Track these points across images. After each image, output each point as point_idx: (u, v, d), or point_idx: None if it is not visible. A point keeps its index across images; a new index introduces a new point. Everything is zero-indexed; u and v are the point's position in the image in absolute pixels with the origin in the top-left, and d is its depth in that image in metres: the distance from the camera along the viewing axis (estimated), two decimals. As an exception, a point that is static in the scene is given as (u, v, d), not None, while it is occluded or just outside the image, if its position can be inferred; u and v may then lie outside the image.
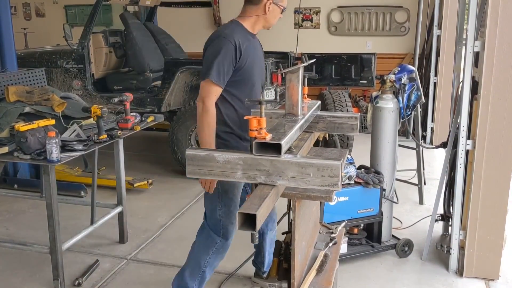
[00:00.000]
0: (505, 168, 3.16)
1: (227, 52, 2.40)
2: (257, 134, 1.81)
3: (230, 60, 2.42)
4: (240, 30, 2.52)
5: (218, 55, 2.40)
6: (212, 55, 2.42)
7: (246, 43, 2.48)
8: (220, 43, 2.43)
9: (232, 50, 2.41)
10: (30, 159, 2.94)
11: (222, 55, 2.40)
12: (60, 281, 3.13)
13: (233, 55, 2.42)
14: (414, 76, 3.77)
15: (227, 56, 2.41)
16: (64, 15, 9.54)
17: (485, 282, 3.29)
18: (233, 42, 2.41)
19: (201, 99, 2.43)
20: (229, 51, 2.41)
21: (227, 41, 2.41)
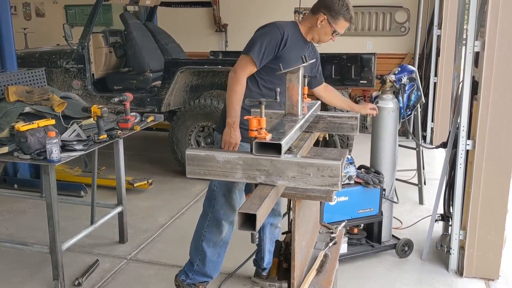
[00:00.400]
0: (505, 168, 3.16)
1: (272, 37, 2.57)
2: (257, 134, 1.81)
3: (274, 46, 2.57)
4: (295, 29, 2.70)
5: (265, 37, 2.57)
6: (259, 36, 2.61)
7: (294, 41, 2.64)
8: (270, 29, 2.62)
9: (279, 38, 2.57)
10: (30, 159, 2.94)
11: (268, 39, 2.57)
12: (60, 281, 3.13)
13: (278, 43, 2.58)
14: (414, 76, 3.77)
15: (272, 41, 2.57)
16: (64, 15, 9.54)
17: (485, 282, 3.29)
18: (282, 32, 2.58)
19: (235, 70, 2.59)
20: (275, 37, 2.57)
21: (277, 29, 2.60)
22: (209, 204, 2.83)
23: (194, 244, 2.92)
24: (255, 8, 8.21)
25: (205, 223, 2.86)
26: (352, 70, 5.66)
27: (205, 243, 2.86)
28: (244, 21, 8.32)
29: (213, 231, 2.85)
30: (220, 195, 2.78)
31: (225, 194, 2.77)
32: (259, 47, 2.55)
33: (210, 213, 2.83)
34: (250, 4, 8.29)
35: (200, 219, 2.90)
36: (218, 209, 2.80)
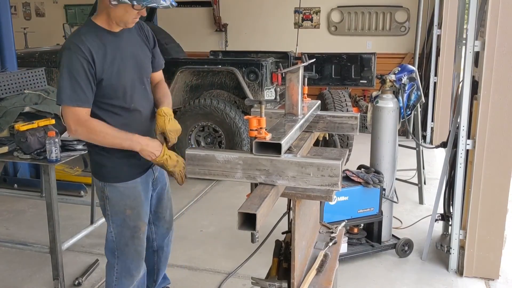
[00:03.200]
0: (505, 168, 3.16)
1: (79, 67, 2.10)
2: (257, 134, 1.81)
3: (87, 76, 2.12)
4: (94, 32, 2.18)
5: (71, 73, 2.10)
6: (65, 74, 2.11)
7: (102, 47, 2.16)
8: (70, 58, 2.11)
9: (85, 64, 2.11)
10: (30, 159, 2.94)
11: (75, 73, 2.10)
12: (60, 281, 3.13)
13: (89, 70, 2.12)
14: (414, 76, 3.78)
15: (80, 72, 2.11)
16: (64, 14, 9.55)
17: (485, 281, 3.29)
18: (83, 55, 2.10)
19: (73, 128, 2.17)
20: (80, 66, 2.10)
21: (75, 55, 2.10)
22: (112, 255, 2.44)
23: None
24: (255, 8, 8.21)
25: (114, 276, 2.47)
26: (352, 70, 5.67)
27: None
28: (244, 21, 8.32)
29: (124, 284, 2.48)
30: (122, 244, 2.41)
31: (128, 243, 2.40)
32: (71, 88, 2.08)
33: (116, 265, 2.45)
34: (250, 4, 8.29)
35: (107, 274, 2.51)
36: (124, 259, 2.43)
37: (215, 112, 5.10)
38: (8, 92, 3.62)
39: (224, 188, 5.02)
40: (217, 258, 3.58)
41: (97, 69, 2.14)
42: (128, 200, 2.35)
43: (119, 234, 2.39)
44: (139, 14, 2.16)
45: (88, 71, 2.10)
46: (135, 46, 2.33)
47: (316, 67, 5.63)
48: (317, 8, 8.16)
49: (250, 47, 7.54)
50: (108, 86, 2.20)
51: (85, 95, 2.12)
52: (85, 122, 2.14)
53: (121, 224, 2.38)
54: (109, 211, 2.37)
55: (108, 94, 2.21)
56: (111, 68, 2.19)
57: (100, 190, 2.38)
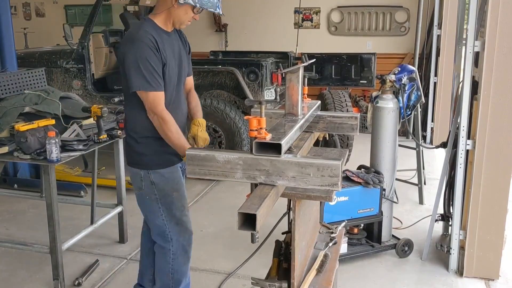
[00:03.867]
0: (505, 168, 3.16)
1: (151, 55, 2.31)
2: (257, 134, 1.81)
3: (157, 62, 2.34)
4: (153, 27, 2.38)
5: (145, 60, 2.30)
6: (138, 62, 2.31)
7: (161, 41, 2.37)
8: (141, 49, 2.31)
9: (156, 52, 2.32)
10: (30, 159, 2.94)
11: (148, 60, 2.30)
12: (60, 281, 3.13)
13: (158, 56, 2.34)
14: (414, 76, 3.78)
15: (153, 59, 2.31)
16: (64, 15, 9.54)
17: (485, 282, 3.29)
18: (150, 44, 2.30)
19: (152, 111, 2.35)
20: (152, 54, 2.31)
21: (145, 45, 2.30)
22: (165, 239, 2.60)
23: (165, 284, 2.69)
24: (255, 8, 8.21)
25: (170, 258, 2.63)
26: (352, 70, 5.67)
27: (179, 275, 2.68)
28: (244, 21, 8.32)
29: (180, 262, 2.66)
30: (173, 224, 2.58)
31: (178, 222, 2.59)
32: (149, 75, 2.28)
33: (171, 247, 2.61)
34: (250, 4, 8.29)
35: (160, 259, 2.66)
36: (177, 238, 2.61)
37: (215, 112, 5.10)
38: (8, 92, 3.62)
39: (224, 188, 5.01)
40: (217, 258, 3.58)
41: (162, 58, 2.35)
42: (173, 184, 2.53)
43: (169, 215, 2.56)
44: (193, 18, 2.42)
45: (158, 60, 2.32)
46: (180, 48, 2.56)
47: (316, 67, 5.63)
48: (317, 8, 8.16)
49: (250, 47, 7.53)
50: (164, 74, 2.39)
51: (159, 80, 2.34)
52: (161, 112, 2.34)
53: (170, 206, 2.55)
54: (157, 195, 2.52)
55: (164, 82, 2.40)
56: (168, 61, 2.40)
57: (142, 179, 2.50)
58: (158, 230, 2.61)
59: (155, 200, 2.53)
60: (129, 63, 2.30)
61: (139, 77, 2.29)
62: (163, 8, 2.38)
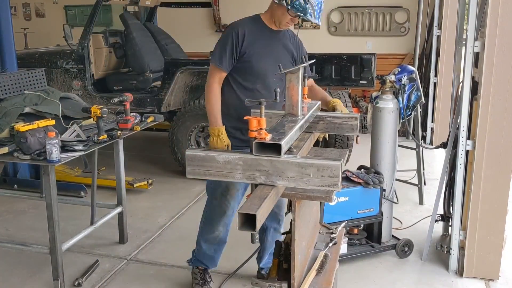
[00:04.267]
0: (505, 168, 3.16)
1: (228, 39, 2.64)
2: (257, 134, 1.81)
3: (232, 47, 2.63)
4: (255, 22, 2.73)
5: (222, 41, 2.67)
6: (218, 42, 2.71)
7: (255, 34, 2.66)
8: (227, 32, 2.70)
9: (234, 38, 2.63)
10: (30, 160, 2.94)
11: (224, 42, 2.65)
12: (60, 282, 3.13)
13: (235, 42, 2.63)
14: (414, 76, 3.78)
15: (229, 42, 2.63)
16: (64, 15, 9.55)
17: (485, 282, 3.29)
18: (237, 31, 2.63)
19: (207, 80, 2.71)
20: (230, 38, 2.63)
21: (231, 30, 2.66)
22: (207, 202, 2.97)
23: (198, 234, 3.06)
24: (254, 8, 8.14)
25: (202, 219, 3.01)
26: (352, 70, 5.66)
27: (201, 236, 3.03)
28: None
29: (206, 229, 2.99)
30: (213, 197, 2.90)
31: (217, 197, 2.87)
32: (219, 53, 2.65)
33: (205, 211, 2.98)
34: (250, 5, 8.25)
35: (203, 213, 3.03)
36: (211, 209, 2.93)
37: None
38: (8, 92, 3.62)
39: (224, 188, 5.02)
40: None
41: (243, 46, 2.64)
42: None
43: (213, 187, 2.87)
44: (292, 21, 2.64)
45: (234, 44, 2.63)
46: (283, 48, 2.79)
47: (316, 68, 5.63)
48: (317, 8, 8.15)
49: (250, 48, 7.52)
50: (246, 62, 2.67)
51: (226, 60, 2.65)
52: (212, 84, 2.68)
53: (217, 182, 2.80)
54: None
55: (245, 69, 2.69)
56: (254, 51, 2.66)
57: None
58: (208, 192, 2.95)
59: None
60: (219, 41, 2.71)
61: (215, 53, 2.67)
62: (269, 6, 2.72)
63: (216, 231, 2.96)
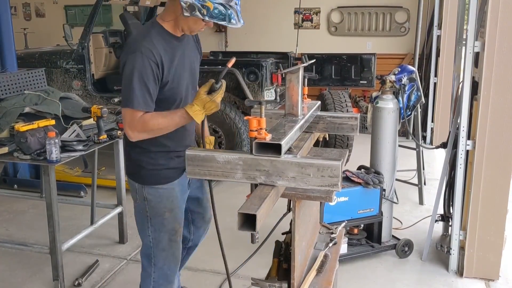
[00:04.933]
0: (505, 168, 3.16)
1: (148, 72, 2.08)
2: (257, 134, 1.81)
3: (155, 80, 2.12)
4: (160, 34, 2.18)
5: (140, 77, 2.08)
6: (132, 77, 2.08)
7: (167, 51, 2.17)
8: (139, 62, 2.08)
9: (155, 69, 2.10)
10: (30, 160, 2.94)
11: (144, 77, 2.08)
12: (60, 282, 3.13)
13: (157, 74, 2.12)
14: (414, 76, 3.78)
15: (150, 76, 2.09)
16: (64, 15, 9.55)
17: (485, 282, 3.29)
18: (154, 59, 2.09)
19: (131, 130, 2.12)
20: (150, 71, 2.08)
21: (146, 59, 2.07)
22: (149, 262, 2.43)
23: None
24: (254, 8, 8.21)
25: (151, 285, 2.46)
26: (352, 70, 5.67)
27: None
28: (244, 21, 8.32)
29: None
30: (160, 249, 2.39)
31: (165, 248, 2.39)
32: (140, 92, 2.05)
33: (153, 273, 2.44)
34: (250, 4, 8.28)
35: (142, 281, 2.51)
36: (161, 265, 2.42)
37: (215, 112, 5.09)
38: (8, 92, 3.62)
39: (224, 188, 5.01)
40: (217, 258, 3.56)
41: (164, 74, 2.14)
42: (167, 202, 2.33)
43: (157, 237, 2.37)
44: (206, 25, 2.18)
45: (156, 77, 2.10)
46: (192, 52, 2.36)
47: (316, 68, 5.63)
48: (317, 8, 8.16)
49: (250, 48, 7.54)
50: (169, 90, 2.19)
51: (152, 100, 2.11)
52: (139, 122, 2.10)
53: (160, 228, 2.36)
54: (148, 213, 2.34)
55: (166, 98, 2.21)
56: (174, 73, 2.19)
57: (137, 193, 2.34)
58: (144, 250, 2.44)
59: (145, 217, 2.35)
60: (125, 75, 2.09)
61: (134, 93, 2.06)
62: (172, 15, 2.17)
63: (175, 284, 2.51)
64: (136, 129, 2.11)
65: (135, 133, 2.12)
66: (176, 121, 2.12)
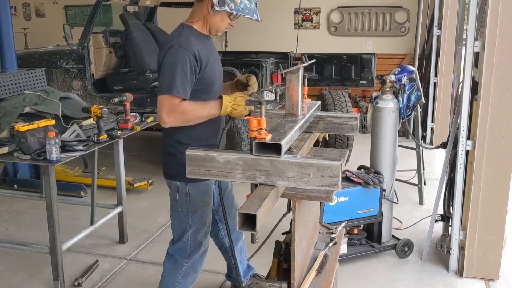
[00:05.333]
0: (505, 168, 3.16)
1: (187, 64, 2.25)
2: (257, 134, 1.81)
3: (193, 73, 2.29)
4: (194, 34, 2.37)
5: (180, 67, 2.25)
6: (173, 67, 2.27)
7: (203, 49, 2.34)
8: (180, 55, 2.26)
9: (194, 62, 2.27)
10: (30, 160, 2.94)
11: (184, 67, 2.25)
12: (60, 282, 3.13)
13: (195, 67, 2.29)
14: (414, 76, 3.78)
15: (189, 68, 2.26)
16: (64, 15, 9.55)
17: (485, 282, 3.29)
18: (193, 52, 2.27)
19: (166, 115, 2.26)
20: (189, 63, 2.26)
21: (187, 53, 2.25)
22: (183, 254, 2.56)
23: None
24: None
25: (179, 275, 2.59)
26: (352, 70, 5.67)
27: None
28: (244, 21, 8.31)
29: (188, 281, 2.62)
30: (197, 243, 2.54)
31: (202, 240, 2.56)
32: (180, 80, 2.22)
33: (185, 263, 2.57)
34: (250, 5, 8.28)
35: (170, 272, 2.62)
36: (194, 256, 2.57)
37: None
38: (8, 92, 3.62)
39: (224, 188, 5.02)
40: (217, 259, 3.57)
41: (201, 67, 2.32)
42: (206, 197, 2.52)
43: (196, 231, 2.51)
44: (229, 25, 2.39)
45: (194, 69, 2.28)
46: (216, 53, 2.56)
47: (316, 68, 5.63)
48: (317, 8, 8.17)
49: (250, 48, 7.54)
50: (204, 82, 2.36)
51: (189, 89, 2.28)
52: (177, 108, 2.25)
53: (199, 221, 2.51)
54: (189, 208, 2.48)
55: (203, 89, 2.37)
56: (210, 67, 2.38)
57: (178, 191, 2.47)
58: (180, 244, 2.55)
59: (186, 213, 2.49)
60: (164, 65, 2.27)
61: (174, 81, 2.22)
62: (200, 15, 2.37)
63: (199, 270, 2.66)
64: (172, 114, 2.23)
65: (171, 118, 2.25)
66: (207, 111, 2.27)
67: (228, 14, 2.32)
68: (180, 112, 2.24)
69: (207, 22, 2.37)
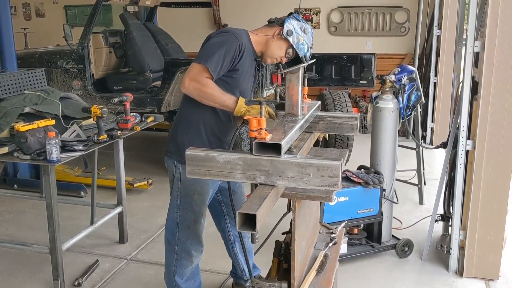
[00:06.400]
0: (505, 168, 3.16)
1: (231, 48, 2.33)
2: (257, 134, 1.81)
3: (231, 58, 2.34)
4: (247, 39, 2.46)
5: (224, 47, 2.31)
6: (217, 45, 2.33)
7: (247, 52, 2.43)
8: (229, 38, 2.35)
9: (237, 49, 2.35)
10: (30, 159, 2.94)
11: (226, 49, 2.32)
12: (60, 282, 3.13)
13: (236, 54, 2.36)
14: (414, 76, 3.78)
15: (231, 52, 2.33)
16: (64, 15, 9.55)
17: (485, 282, 3.29)
18: (241, 42, 2.36)
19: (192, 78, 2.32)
20: (233, 48, 2.33)
21: (235, 39, 2.35)
22: (173, 236, 2.64)
23: (168, 280, 2.74)
24: (254, 8, 8.21)
25: (174, 257, 2.68)
26: (352, 70, 5.67)
27: (178, 277, 2.70)
28: (244, 21, 8.29)
29: (183, 264, 2.69)
30: (185, 226, 2.61)
31: (190, 226, 2.61)
32: (218, 58, 2.29)
33: (176, 246, 2.65)
34: (250, 4, 8.29)
35: (167, 254, 2.72)
36: (184, 240, 2.63)
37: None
38: (8, 92, 3.62)
39: (224, 188, 5.02)
40: (217, 259, 3.58)
41: (239, 63, 2.39)
42: (198, 186, 2.53)
43: (183, 215, 2.59)
44: (280, 60, 2.46)
45: (233, 59, 2.35)
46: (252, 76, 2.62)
47: (316, 68, 5.63)
48: (317, 8, 8.16)
49: (250, 48, 7.53)
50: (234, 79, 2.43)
51: (220, 72, 2.33)
52: (202, 79, 2.31)
53: (187, 207, 2.57)
54: (179, 192, 2.57)
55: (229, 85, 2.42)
56: (243, 72, 2.45)
57: (172, 172, 2.58)
58: (169, 226, 2.67)
59: (176, 196, 2.58)
60: (211, 42, 2.37)
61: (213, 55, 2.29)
62: (263, 37, 2.47)
63: (194, 261, 2.71)
64: (194, 82, 2.31)
65: (191, 85, 2.32)
66: (223, 99, 2.32)
67: (288, 46, 2.41)
68: (202, 84, 2.30)
69: (267, 44, 2.46)
